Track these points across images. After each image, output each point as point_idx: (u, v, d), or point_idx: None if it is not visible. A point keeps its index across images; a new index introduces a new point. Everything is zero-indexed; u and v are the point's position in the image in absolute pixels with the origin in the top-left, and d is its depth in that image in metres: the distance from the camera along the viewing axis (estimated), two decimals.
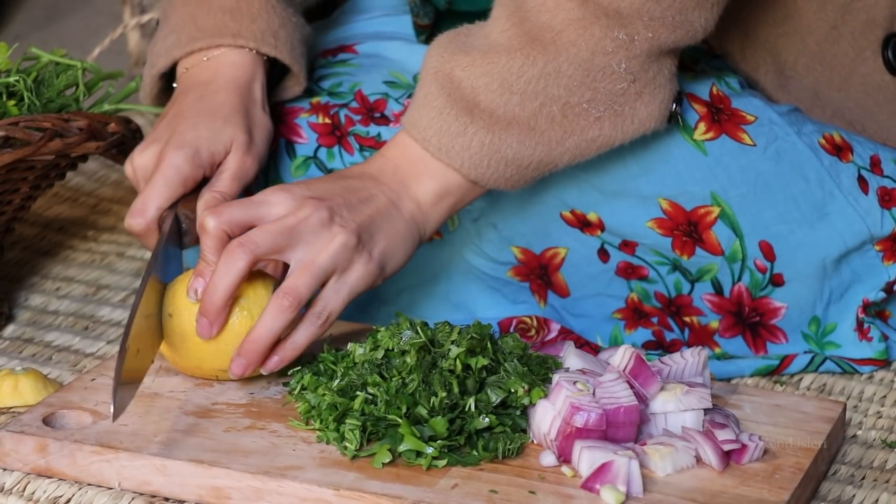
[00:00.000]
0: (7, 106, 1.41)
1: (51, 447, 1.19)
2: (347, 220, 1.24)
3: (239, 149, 1.33)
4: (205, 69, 1.36)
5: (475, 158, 1.26)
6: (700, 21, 1.27)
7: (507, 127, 1.26)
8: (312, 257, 1.23)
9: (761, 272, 1.37)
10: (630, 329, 1.41)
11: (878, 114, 1.42)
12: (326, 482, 1.15)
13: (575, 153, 1.28)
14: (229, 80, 1.36)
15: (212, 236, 1.23)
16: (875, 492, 1.23)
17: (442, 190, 1.28)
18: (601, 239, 1.38)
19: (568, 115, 1.26)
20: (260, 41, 1.37)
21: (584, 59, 1.25)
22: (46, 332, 1.47)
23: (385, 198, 1.26)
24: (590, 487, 1.15)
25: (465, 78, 1.26)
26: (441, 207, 1.29)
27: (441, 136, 1.26)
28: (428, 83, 1.27)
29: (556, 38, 1.25)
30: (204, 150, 1.31)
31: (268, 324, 1.22)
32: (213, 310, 1.22)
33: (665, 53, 1.27)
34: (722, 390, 1.28)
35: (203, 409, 1.24)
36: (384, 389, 1.20)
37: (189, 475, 1.17)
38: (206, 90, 1.35)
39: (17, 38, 2.24)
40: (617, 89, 1.26)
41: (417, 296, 1.44)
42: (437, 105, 1.26)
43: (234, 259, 1.21)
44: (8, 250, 1.61)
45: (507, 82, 1.25)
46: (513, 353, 1.24)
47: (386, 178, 1.27)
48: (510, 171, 1.27)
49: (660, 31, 1.25)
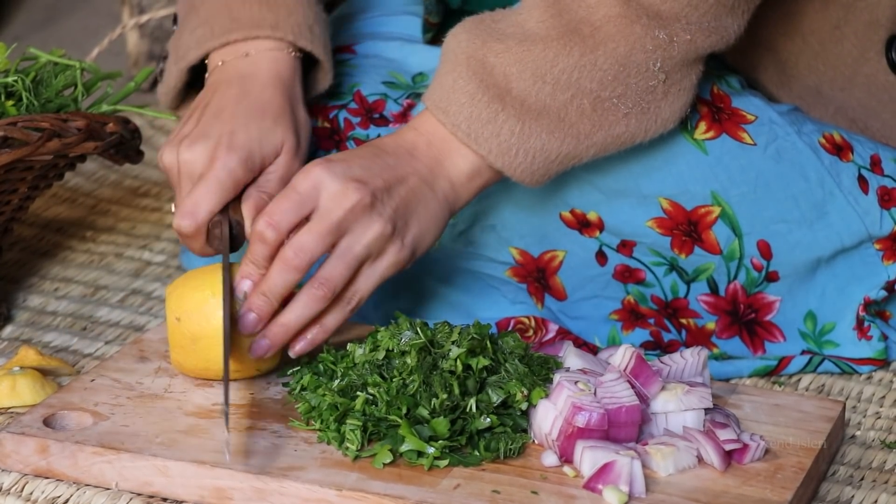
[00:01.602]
0: (5, 106, 1.41)
1: (52, 448, 1.19)
2: (385, 207, 1.24)
3: (289, 152, 1.32)
4: (244, 63, 1.34)
5: (504, 146, 1.26)
6: (733, 27, 1.28)
7: (537, 117, 1.26)
8: (350, 245, 1.23)
9: (757, 270, 1.38)
10: (627, 330, 1.42)
11: (882, 113, 1.42)
12: (329, 482, 1.15)
13: (600, 148, 1.28)
14: (273, 76, 1.34)
15: (270, 246, 1.23)
16: (874, 492, 1.23)
17: (473, 170, 1.28)
18: (599, 241, 1.38)
19: (598, 109, 1.27)
20: (298, 34, 1.35)
21: (622, 54, 1.26)
22: (45, 333, 1.47)
23: (419, 178, 1.26)
24: (592, 488, 1.15)
25: (497, 64, 1.26)
26: (472, 186, 1.29)
27: (471, 122, 1.26)
28: (457, 67, 1.27)
29: (594, 32, 1.25)
30: (257, 153, 1.30)
31: (299, 311, 1.22)
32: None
33: (697, 59, 1.28)
34: (722, 390, 1.28)
35: (204, 410, 1.24)
36: (385, 390, 1.20)
37: (190, 476, 1.17)
38: (249, 85, 1.33)
39: (16, 38, 2.24)
40: (648, 87, 1.27)
41: (416, 297, 1.44)
42: (468, 90, 1.26)
43: (288, 271, 1.22)
44: (6, 251, 1.60)
45: (540, 71, 1.25)
46: (514, 353, 1.24)
47: (420, 153, 1.27)
48: (537, 164, 1.27)
49: (697, 35, 1.26)
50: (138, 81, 1.50)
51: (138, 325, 1.48)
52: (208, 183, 1.28)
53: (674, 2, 1.25)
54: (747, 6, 1.29)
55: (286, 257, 1.22)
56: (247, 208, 1.29)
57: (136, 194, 1.79)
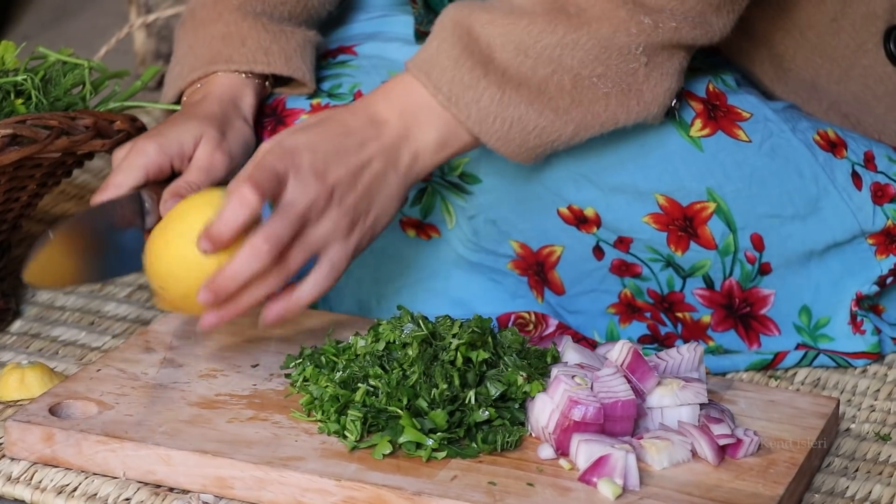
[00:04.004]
0: (15, 104, 1.42)
1: (57, 437, 1.21)
2: (345, 199, 1.25)
3: (209, 143, 1.36)
4: (198, 92, 1.42)
5: (483, 112, 1.27)
6: (718, 24, 1.30)
7: (517, 87, 1.27)
8: (307, 233, 1.24)
9: (750, 263, 1.39)
10: (625, 323, 1.43)
11: (876, 107, 1.43)
12: (328, 473, 1.16)
13: (580, 124, 1.29)
14: (216, 96, 1.40)
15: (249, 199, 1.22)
16: (868, 483, 1.24)
17: (443, 140, 1.29)
18: (597, 236, 1.39)
19: (577, 87, 1.28)
20: (252, 62, 1.41)
21: (604, 35, 1.27)
22: (53, 328, 1.48)
23: (383, 158, 1.27)
24: (587, 480, 1.16)
25: (483, 34, 1.27)
26: (438, 157, 1.30)
27: (453, 85, 1.27)
28: (444, 33, 1.28)
29: (580, 13, 1.27)
30: (173, 139, 1.35)
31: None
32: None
33: (681, 47, 1.29)
34: (717, 386, 1.29)
35: (206, 401, 1.25)
36: (385, 381, 1.21)
37: (193, 465, 1.18)
38: (194, 107, 1.40)
39: (25, 37, 2.25)
40: (629, 68, 1.28)
41: (417, 292, 1.45)
42: (452, 55, 1.27)
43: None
44: (15, 247, 1.61)
45: (523, 44, 1.27)
46: (512, 347, 1.25)
47: (388, 126, 1.28)
48: (513, 133, 1.28)
49: (682, 24, 1.28)
50: (145, 80, 1.51)
51: (145, 319, 1.50)
52: (122, 165, 1.34)
53: None
54: (734, 7, 1.30)
55: (254, 242, 1.22)
56: (166, 193, 1.33)
57: None
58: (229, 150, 1.37)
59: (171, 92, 1.44)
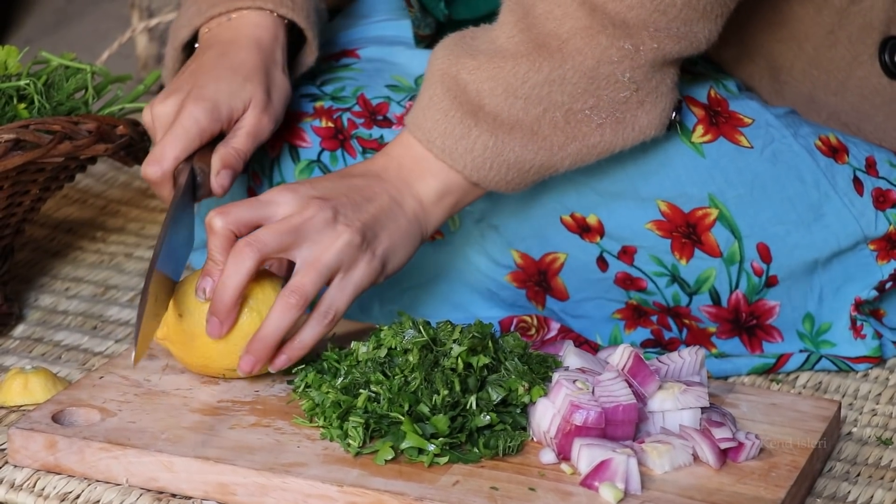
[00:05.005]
0: (17, 109, 1.42)
1: (60, 444, 1.21)
2: (352, 219, 1.25)
3: (257, 107, 1.34)
4: (227, 29, 1.38)
5: (478, 161, 1.28)
6: (704, 32, 1.29)
7: (510, 131, 1.27)
8: (318, 255, 1.24)
9: (758, 275, 1.39)
10: (630, 329, 1.43)
11: (875, 116, 1.43)
12: (330, 479, 1.16)
13: (576, 158, 1.29)
14: (251, 40, 1.37)
15: (219, 236, 1.24)
16: (870, 488, 1.24)
17: (444, 189, 1.30)
18: (600, 246, 1.39)
19: (570, 122, 1.28)
20: (278, 3, 1.38)
21: (589, 67, 1.27)
22: (56, 332, 1.48)
23: (388, 196, 1.28)
24: (589, 485, 1.16)
25: (470, 81, 1.27)
26: (442, 206, 1.30)
27: (445, 138, 1.28)
28: (433, 85, 1.29)
29: (562, 46, 1.26)
30: (223, 104, 1.33)
31: (275, 322, 1.23)
32: (224, 309, 1.24)
33: (668, 63, 1.29)
34: (719, 389, 1.29)
35: (209, 407, 1.26)
36: (387, 387, 1.21)
37: (195, 471, 1.18)
38: (228, 48, 1.36)
39: (28, 42, 2.26)
40: (620, 97, 1.28)
41: (419, 295, 1.45)
42: (442, 107, 1.28)
43: (242, 258, 1.23)
44: (18, 251, 1.62)
45: (511, 87, 1.27)
46: (513, 351, 1.25)
47: (389, 176, 1.29)
48: (511, 174, 1.29)
49: (665, 42, 1.27)
50: (147, 84, 1.52)
51: None
52: (174, 131, 1.31)
53: (640, 8, 1.25)
54: (721, 10, 1.28)
55: (238, 247, 1.23)
56: (214, 159, 1.32)
57: (146, 195, 1.80)
58: (275, 113, 1.37)
59: (184, 32, 1.39)
